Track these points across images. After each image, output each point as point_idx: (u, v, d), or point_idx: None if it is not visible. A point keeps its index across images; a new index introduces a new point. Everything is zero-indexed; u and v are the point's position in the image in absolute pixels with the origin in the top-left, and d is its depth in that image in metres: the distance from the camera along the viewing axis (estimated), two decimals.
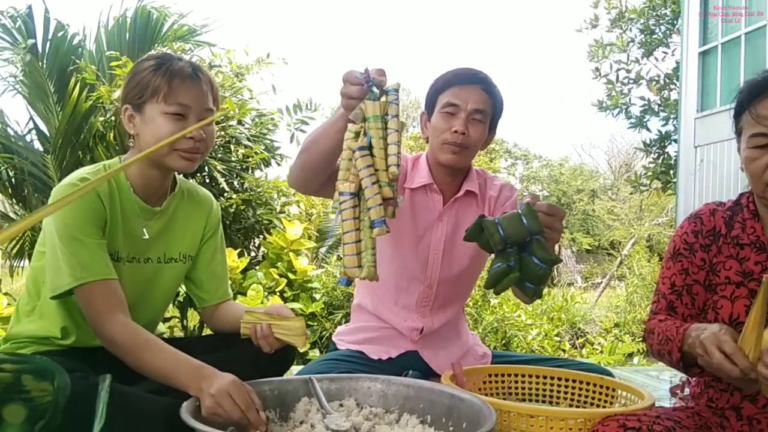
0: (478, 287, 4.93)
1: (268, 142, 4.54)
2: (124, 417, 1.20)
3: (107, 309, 1.31)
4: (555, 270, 13.68)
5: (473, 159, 1.81)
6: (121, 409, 1.18)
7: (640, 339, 6.50)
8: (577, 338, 6.81)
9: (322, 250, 5.44)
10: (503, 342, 4.84)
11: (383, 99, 1.26)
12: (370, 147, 1.22)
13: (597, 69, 6.31)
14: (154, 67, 1.37)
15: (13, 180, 4.26)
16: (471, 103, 1.69)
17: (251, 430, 1.19)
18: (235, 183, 4.33)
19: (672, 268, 1.37)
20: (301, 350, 1.32)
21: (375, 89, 1.25)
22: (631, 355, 6.02)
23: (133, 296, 1.42)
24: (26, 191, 4.23)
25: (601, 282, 11.50)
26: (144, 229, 1.44)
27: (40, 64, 4.22)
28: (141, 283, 1.46)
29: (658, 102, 6.81)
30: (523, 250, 1.30)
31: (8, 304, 3.50)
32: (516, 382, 1.64)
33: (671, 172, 6.56)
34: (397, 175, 1.21)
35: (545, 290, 1.49)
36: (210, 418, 1.18)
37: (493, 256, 1.34)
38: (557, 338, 5.63)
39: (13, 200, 4.34)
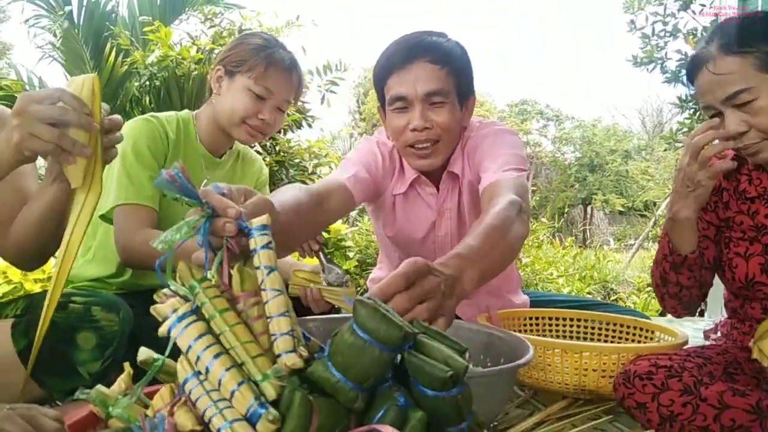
0: None
1: (299, 103, 4.57)
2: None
3: (138, 226, 1.35)
4: (587, 232, 13.40)
5: (456, 139, 1.48)
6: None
7: None
8: (609, 297, 6.80)
9: (353, 213, 5.51)
10: None
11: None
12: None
13: (632, 22, 6.11)
14: (260, 47, 1.49)
15: None
16: (420, 87, 1.36)
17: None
18: (268, 145, 4.38)
19: None
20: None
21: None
22: (664, 313, 6.00)
23: None
24: None
25: (634, 243, 11.37)
26: (205, 181, 1.53)
27: (75, 30, 4.30)
28: None
29: None
30: None
31: (55, 265, 3.65)
32: (551, 324, 1.68)
33: None
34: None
35: (577, 249, 1.36)
36: None
37: None
38: (589, 296, 5.64)
39: None
